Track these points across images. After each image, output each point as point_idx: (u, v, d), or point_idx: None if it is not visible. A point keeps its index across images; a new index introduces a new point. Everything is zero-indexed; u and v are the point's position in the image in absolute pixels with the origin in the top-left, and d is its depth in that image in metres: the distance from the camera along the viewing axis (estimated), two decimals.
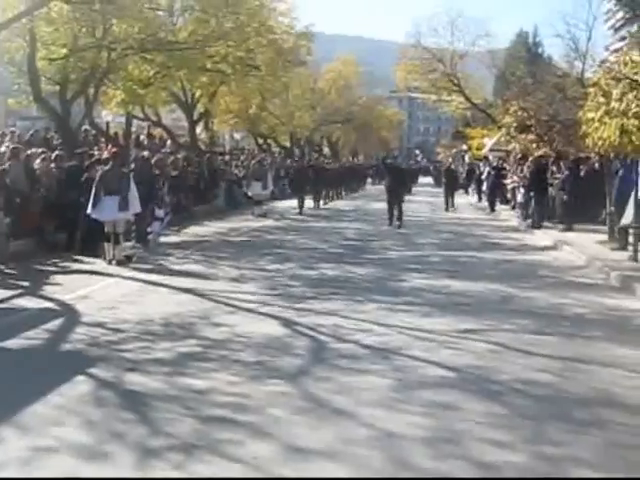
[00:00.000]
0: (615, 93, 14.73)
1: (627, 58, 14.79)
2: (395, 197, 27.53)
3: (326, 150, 73.52)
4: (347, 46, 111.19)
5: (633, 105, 14.04)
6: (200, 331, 10.69)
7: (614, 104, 14.68)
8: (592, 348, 9.97)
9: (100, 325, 10.94)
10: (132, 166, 20.45)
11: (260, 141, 53.82)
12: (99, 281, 14.98)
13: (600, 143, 15.69)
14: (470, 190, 51.04)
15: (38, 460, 6.15)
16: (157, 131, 41.71)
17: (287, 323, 11.17)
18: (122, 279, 15.23)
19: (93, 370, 8.67)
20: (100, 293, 13.65)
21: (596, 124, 15.63)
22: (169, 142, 38.72)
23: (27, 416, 7.13)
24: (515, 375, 8.55)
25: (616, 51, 15.78)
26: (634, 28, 29.45)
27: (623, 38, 15.53)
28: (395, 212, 27.28)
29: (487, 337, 10.37)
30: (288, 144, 58.14)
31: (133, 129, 41.02)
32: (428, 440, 6.59)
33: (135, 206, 17.44)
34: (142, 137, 40.92)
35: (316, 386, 8.09)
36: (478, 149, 58.92)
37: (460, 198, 41.42)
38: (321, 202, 38.56)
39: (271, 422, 7.00)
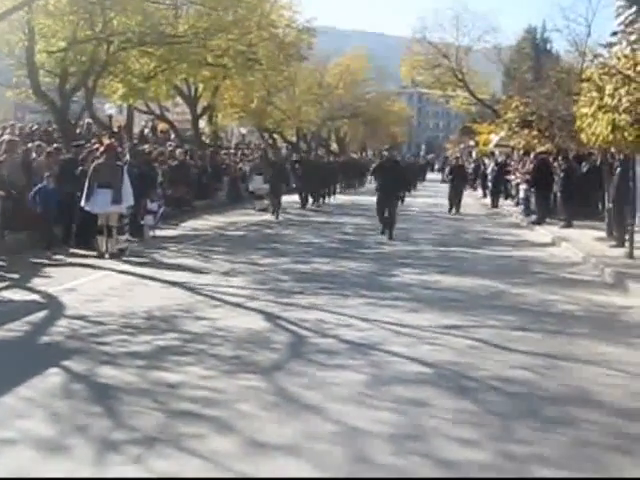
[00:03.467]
0: (608, 88, 14.59)
1: (619, 53, 14.67)
2: (386, 200, 22.15)
3: (334, 145, 73.35)
4: (360, 41, 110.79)
5: (624, 100, 13.90)
6: (182, 325, 10.63)
7: (607, 99, 14.55)
8: (575, 345, 9.87)
9: (82, 318, 10.88)
10: (126, 158, 20.37)
11: (266, 136, 53.67)
12: (89, 274, 14.93)
13: (593, 139, 15.57)
14: (477, 185, 50.93)
15: None
16: (162, 125, 41.72)
17: (270, 317, 11.10)
18: (112, 272, 15.17)
19: (67, 363, 8.61)
20: (88, 286, 13.60)
21: (589, 119, 15.51)
22: (173, 136, 38.73)
23: None
24: (492, 372, 8.45)
25: (609, 45, 15.61)
26: None
27: (615, 33, 15.40)
28: (386, 218, 22.13)
29: (470, 333, 10.28)
30: (294, 139, 57.96)
31: (142, 123, 41.16)
32: (392, 436, 6.51)
33: (128, 199, 17.41)
34: (146, 131, 40.99)
35: (289, 381, 8.01)
36: (485, 145, 58.78)
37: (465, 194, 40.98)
38: (310, 201, 34.83)
39: (237, 417, 6.92)
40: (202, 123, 41.48)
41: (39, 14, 22.56)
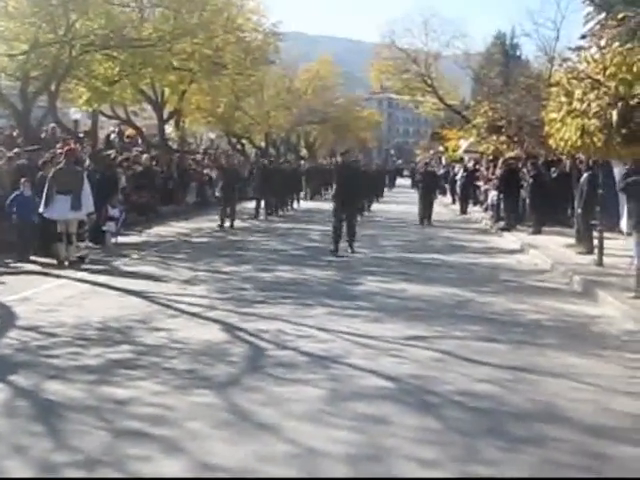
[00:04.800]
0: (577, 93, 14.33)
1: (588, 56, 14.43)
2: (345, 211, 19.69)
3: (304, 151, 73.10)
4: (328, 46, 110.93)
5: (594, 105, 13.65)
6: (137, 336, 10.23)
7: (576, 104, 14.29)
8: (542, 357, 9.56)
9: (34, 329, 10.50)
10: (87, 163, 19.94)
11: (234, 141, 53.20)
12: (46, 282, 14.50)
13: (562, 144, 15.31)
14: (446, 191, 50.70)
15: None
16: (129, 130, 41.20)
17: (229, 328, 10.74)
18: (70, 280, 14.76)
19: (13, 377, 8.23)
20: (44, 295, 13.17)
21: (558, 124, 15.24)
22: (140, 141, 38.26)
23: None
24: (456, 386, 8.12)
25: (578, 49, 15.38)
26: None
27: (584, 36, 15.16)
28: (344, 231, 19.74)
29: (434, 344, 9.95)
30: (263, 144, 57.57)
31: (110, 128, 40.57)
32: (350, 457, 6.17)
33: (88, 206, 16.96)
34: (113, 136, 40.45)
35: (244, 397, 7.65)
36: (454, 150, 58.68)
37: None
38: (261, 212, 31.56)
39: (188, 437, 6.56)
40: (170, 128, 41.03)
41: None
